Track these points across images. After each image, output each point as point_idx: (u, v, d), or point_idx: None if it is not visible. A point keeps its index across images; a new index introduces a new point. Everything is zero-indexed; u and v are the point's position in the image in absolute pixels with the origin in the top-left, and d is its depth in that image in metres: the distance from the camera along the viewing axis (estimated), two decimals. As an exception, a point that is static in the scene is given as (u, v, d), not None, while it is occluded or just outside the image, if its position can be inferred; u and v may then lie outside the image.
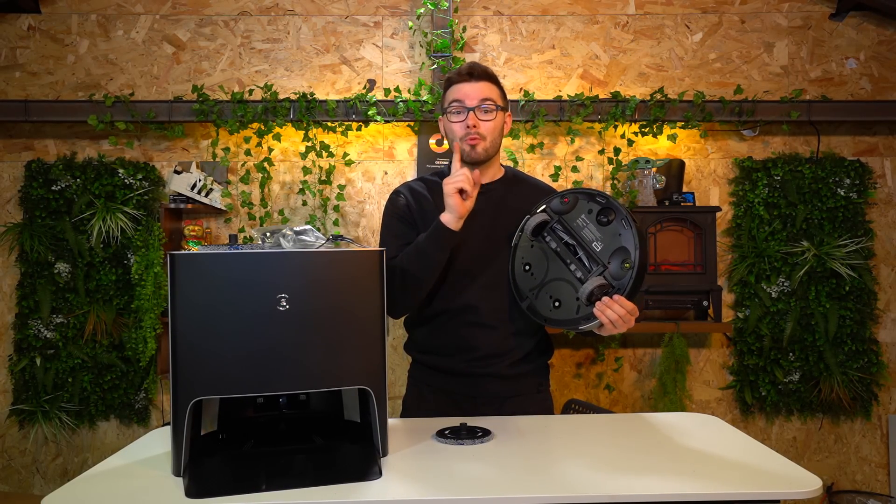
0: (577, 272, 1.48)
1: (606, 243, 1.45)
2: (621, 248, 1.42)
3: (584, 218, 1.50)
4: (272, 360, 1.15)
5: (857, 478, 2.96)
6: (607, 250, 1.44)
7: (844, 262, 2.84)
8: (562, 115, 2.83)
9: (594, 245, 1.47)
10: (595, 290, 1.41)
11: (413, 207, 1.69)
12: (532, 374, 1.70)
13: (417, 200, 1.70)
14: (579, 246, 1.49)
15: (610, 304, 1.40)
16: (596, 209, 1.49)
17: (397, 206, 1.70)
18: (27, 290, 2.82)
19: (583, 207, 1.51)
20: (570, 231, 1.52)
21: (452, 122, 1.63)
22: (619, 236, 1.43)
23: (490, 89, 1.63)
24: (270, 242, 1.25)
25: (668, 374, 2.81)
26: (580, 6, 2.97)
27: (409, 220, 1.68)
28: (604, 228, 1.46)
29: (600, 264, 1.44)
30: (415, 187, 1.74)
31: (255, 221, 2.89)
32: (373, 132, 2.94)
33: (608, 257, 1.44)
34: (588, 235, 1.49)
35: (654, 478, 1.13)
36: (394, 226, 1.69)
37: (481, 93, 1.61)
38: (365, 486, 1.10)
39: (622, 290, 1.40)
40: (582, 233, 1.50)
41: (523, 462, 1.22)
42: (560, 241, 1.53)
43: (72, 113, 2.79)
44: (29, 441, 2.86)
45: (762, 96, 2.95)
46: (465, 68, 1.64)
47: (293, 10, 2.94)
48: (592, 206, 1.50)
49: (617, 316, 1.39)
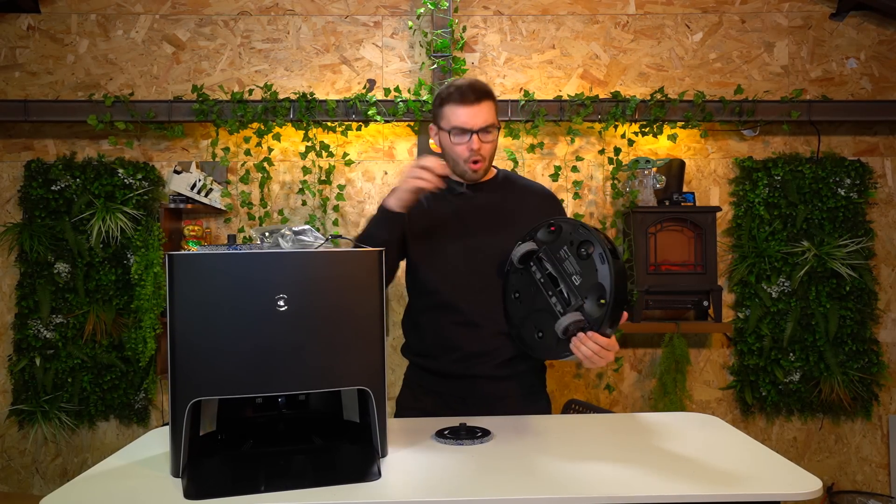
0: (556, 305, 1.48)
1: (585, 278, 1.44)
2: (598, 284, 1.42)
3: (565, 249, 1.50)
4: (271, 361, 1.15)
5: (858, 478, 2.95)
6: (585, 285, 1.44)
7: (845, 262, 2.83)
8: (562, 115, 2.83)
9: (574, 279, 1.47)
10: (570, 325, 1.41)
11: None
12: (523, 375, 1.68)
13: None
14: (561, 278, 1.49)
15: (584, 339, 1.39)
16: (577, 241, 1.48)
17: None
18: (27, 290, 2.82)
19: (566, 238, 1.51)
20: (554, 262, 1.52)
21: (455, 145, 1.62)
22: (595, 272, 1.43)
23: (490, 109, 1.62)
24: (269, 242, 1.25)
25: (669, 374, 2.80)
26: (580, 6, 2.97)
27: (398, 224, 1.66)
28: (583, 262, 1.46)
29: (578, 299, 1.44)
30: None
31: (254, 221, 2.89)
32: (373, 132, 2.93)
33: (586, 292, 1.44)
34: (569, 268, 1.49)
35: (654, 478, 1.13)
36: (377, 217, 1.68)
37: (484, 117, 1.61)
38: (364, 487, 1.10)
39: (596, 327, 1.40)
40: (563, 265, 1.50)
41: (523, 462, 1.22)
42: (544, 271, 1.53)
43: (71, 113, 2.79)
44: (28, 441, 2.86)
45: (762, 96, 2.94)
46: (468, 91, 1.60)
47: (293, 10, 2.94)
48: (574, 238, 1.49)
49: (591, 352, 1.39)
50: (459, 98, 1.60)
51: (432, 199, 1.70)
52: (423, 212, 1.68)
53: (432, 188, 1.51)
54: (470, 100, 1.59)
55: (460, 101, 1.60)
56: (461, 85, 1.62)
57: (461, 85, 1.62)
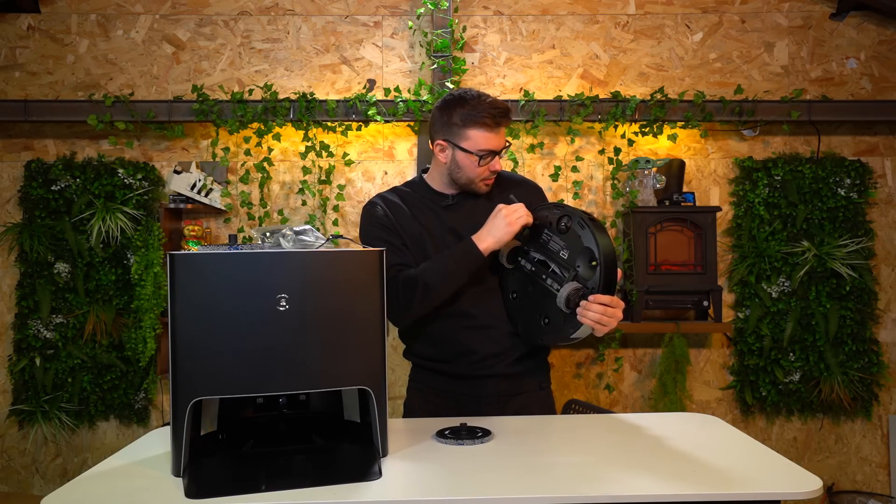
0: (553, 285, 1.49)
1: (571, 249, 1.46)
2: (585, 249, 1.44)
3: (546, 232, 1.52)
4: (272, 361, 1.15)
5: (858, 478, 2.95)
6: (574, 255, 1.46)
7: (845, 262, 2.83)
8: (562, 115, 2.83)
9: (561, 254, 1.48)
10: (570, 294, 1.42)
11: (392, 215, 1.67)
12: (533, 371, 1.71)
13: (394, 209, 1.68)
14: (549, 259, 1.51)
15: (588, 305, 1.40)
16: (554, 219, 1.50)
17: (376, 217, 1.67)
18: (27, 290, 2.82)
19: (544, 223, 1.53)
20: (539, 248, 1.53)
21: (479, 167, 1.61)
22: (579, 238, 1.44)
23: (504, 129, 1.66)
24: (270, 242, 1.25)
25: (669, 374, 2.81)
26: (580, 6, 2.97)
27: (392, 229, 1.66)
28: (564, 236, 1.48)
29: (571, 270, 1.45)
30: (388, 197, 1.72)
31: (254, 221, 2.89)
32: (373, 132, 2.93)
33: (576, 261, 1.45)
34: (554, 247, 1.50)
35: (654, 478, 1.13)
36: (379, 235, 1.65)
37: (504, 136, 1.63)
38: (365, 487, 1.10)
39: (595, 289, 1.41)
40: (549, 246, 1.51)
41: (523, 462, 1.22)
42: (533, 260, 1.55)
43: (71, 113, 2.79)
44: (29, 441, 2.86)
45: (762, 96, 2.94)
46: (500, 116, 1.58)
47: (293, 10, 2.94)
48: (551, 218, 1.51)
49: (598, 314, 1.39)
50: (495, 123, 1.58)
51: (419, 210, 1.68)
52: (411, 222, 1.67)
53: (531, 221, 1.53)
54: (502, 124, 1.60)
55: (493, 127, 1.58)
56: (493, 108, 1.58)
57: (493, 108, 1.58)
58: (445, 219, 1.67)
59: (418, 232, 1.66)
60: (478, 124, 1.57)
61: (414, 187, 1.73)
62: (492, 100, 1.59)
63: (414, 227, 1.66)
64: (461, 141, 1.60)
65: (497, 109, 1.57)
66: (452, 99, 1.62)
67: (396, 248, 1.63)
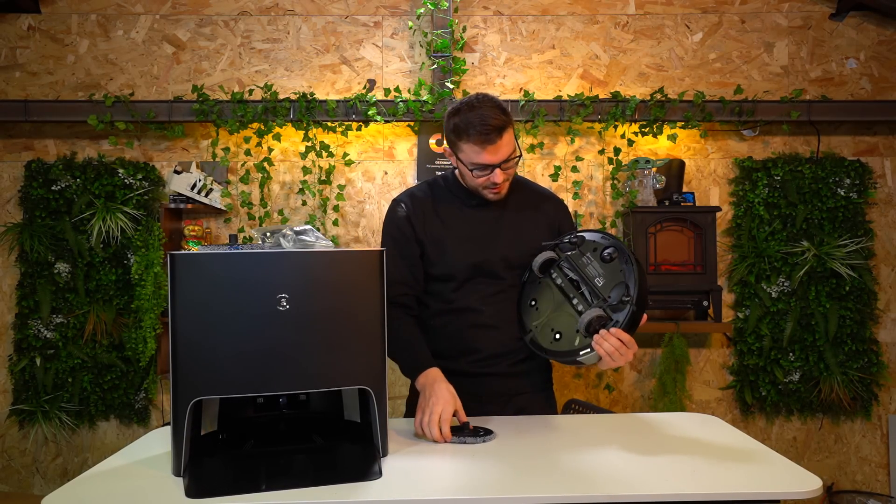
0: (578, 305, 1.51)
1: (608, 279, 1.48)
2: (621, 284, 1.46)
3: (589, 255, 1.54)
4: (272, 360, 1.15)
5: (858, 478, 2.95)
6: (608, 285, 1.48)
7: (844, 262, 2.83)
8: (562, 115, 2.83)
9: (596, 280, 1.50)
10: (593, 320, 1.44)
11: (413, 216, 1.67)
12: (535, 371, 1.72)
13: (418, 207, 1.68)
14: (583, 281, 1.53)
15: (606, 336, 1.41)
16: (601, 247, 1.52)
17: (396, 220, 1.68)
18: (27, 290, 2.82)
19: (588, 246, 1.55)
20: (576, 268, 1.55)
21: (476, 177, 1.58)
22: (620, 272, 1.47)
23: (510, 139, 1.54)
24: (270, 242, 1.25)
25: (668, 374, 2.81)
26: (580, 6, 2.97)
27: (407, 235, 1.66)
28: (606, 265, 1.50)
29: (601, 298, 1.48)
30: (416, 193, 1.73)
31: (254, 221, 2.89)
32: (373, 132, 2.94)
33: (609, 292, 1.47)
34: (591, 272, 1.52)
35: (654, 478, 1.13)
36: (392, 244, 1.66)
37: (504, 150, 1.54)
38: (365, 486, 1.10)
39: (619, 324, 1.43)
40: (586, 269, 1.53)
41: (524, 462, 1.22)
42: (565, 277, 1.56)
43: (72, 113, 2.79)
44: (29, 441, 2.86)
45: (762, 96, 2.94)
46: (488, 130, 1.49)
47: (293, 10, 2.94)
48: (598, 245, 1.53)
49: (613, 348, 1.41)
50: (481, 140, 1.51)
51: (444, 207, 1.69)
52: (434, 219, 1.68)
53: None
54: (492, 140, 1.51)
55: (483, 143, 1.51)
56: (482, 124, 1.50)
57: (482, 124, 1.50)
58: (469, 218, 1.68)
59: (444, 234, 1.66)
60: (468, 139, 1.53)
61: (448, 182, 1.74)
62: (483, 114, 1.51)
63: (435, 226, 1.66)
64: (458, 152, 1.59)
65: (486, 126, 1.49)
66: (454, 107, 1.58)
67: (405, 260, 1.65)
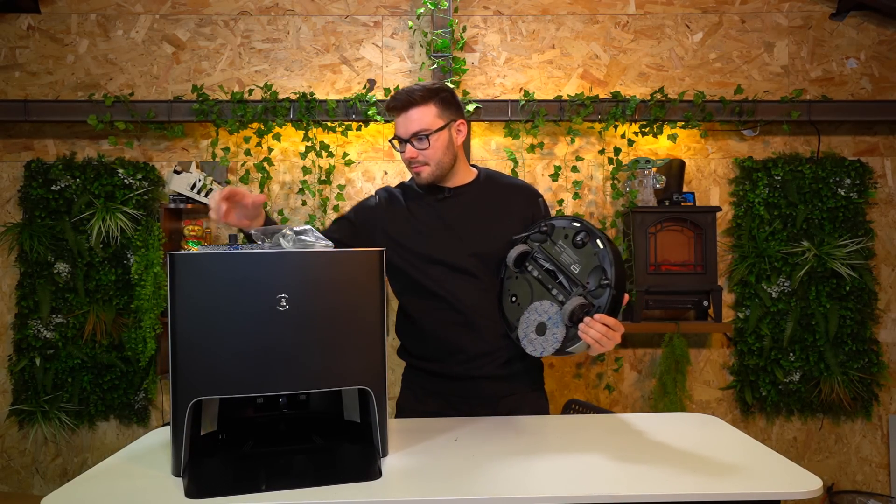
0: (558, 296, 1.50)
1: (584, 264, 1.47)
2: (598, 268, 1.45)
3: (560, 243, 1.53)
4: (272, 361, 1.15)
5: (858, 478, 2.95)
6: (585, 271, 1.47)
7: (845, 262, 2.83)
8: (562, 115, 2.83)
9: (572, 267, 1.49)
10: (576, 308, 1.43)
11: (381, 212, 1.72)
12: (525, 372, 1.69)
13: (388, 202, 1.73)
14: (559, 270, 1.51)
15: (591, 323, 1.41)
16: (571, 233, 1.51)
17: (365, 203, 1.77)
18: (27, 290, 2.82)
19: (559, 233, 1.54)
20: (550, 258, 1.54)
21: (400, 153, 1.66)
22: (594, 256, 1.46)
23: (420, 116, 1.59)
24: (270, 242, 1.25)
25: (668, 374, 2.81)
26: (580, 6, 2.97)
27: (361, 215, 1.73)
28: (580, 250, 1.49)
29: (579, 285, 1.46)
30: (391, 190, 1.77)
31: (254, 221, 2.89)
32: (373, 132, 2.93)
33: (586, 277, 1.46)
34: (566, 259, 1.51)
35: (654, 478, 1.13)
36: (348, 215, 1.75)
37: (411, 125, 1.60)
38: (365, 487, 1.10)
39: (602, 308, 1.42)
40: (560, 258, 1.52)
41: (523, 462, 1.22)
42: (541, 268, 1.55)
43: (71, 113, 2.79)
44: (28, 441, 2.86)
45: (762, 96, 2.94)
46: (395, 99, 1.61)
47: (293, 10, 2.94)
48: (568, 231, 1.52)
49: (600, 334, 1.40)
50: (389, 110, 1.63)
51: (415, 203, 1.70)
52: (406, 217, 1.68)
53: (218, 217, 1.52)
54: (396, 109, 1.61)
55: (392, 112, 1.63)
56: (392, 98, 1.62)
57: (392, 98, 1.62)
58: (439, 211, 1.69)
59: (414, 228, 1.67)
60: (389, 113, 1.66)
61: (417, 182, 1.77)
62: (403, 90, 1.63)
63: (409, 225, 1.68)
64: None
65: (394, 99, 1.61)
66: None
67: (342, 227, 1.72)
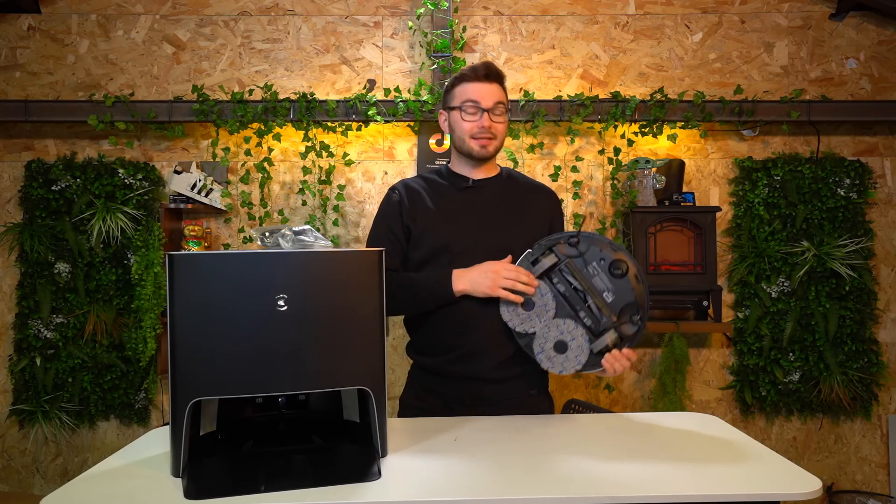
0: (584, 318, 1.52)
1: (618, 296, 1.50)
2: (633, 304, 1.49)
3: (595, 266, 1.53)
4: (271, 361, 1.15)
5: (857, 478, 2.95)
6: (618, 303, 1.50)
7: (844, 262, 2.83)
8: (562, 115, 2.83)
9: (605, 295, 1.51)
10: (609, 344, 1.50)
11: (406, 205, 1.71)
12: (522, 377, 1.66)
13: (412, 198, 1.71)
14: (589, 293, 1.52)
15: (618, 357, 1.49)
16: (609, 259, 1.52)
17: (391, 205, 1.73)
18: (27, 290, 2.82)
19: (594, 255, 1.54)
20: (580, 277, 1.54)
21: (465, 121, 1.66)
22: (631, 291, 1.49)
23: (502, 92, 1.69)
24: (270, 242, 1.25)
25: (668, 374, 2.81)
26: (580, 6, 2.97)
27: (396, 220, 1.71)
28: (615, 280, 1.51)
29: (611, 316, 1.50)
30: (411, 184, 1.76)
31: (254, 221, 2.89)
32: (373, 132, 2.94)
33: (618, 310, 1.50)
34: (599, 284, 1.52)
35: (654, 478, 1.13)
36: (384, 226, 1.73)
37: (496, 95, 1.67)
38: (364, 487, 1.10)
39: (630, 344, 1.49)
40: (593, 280, 1.53)
41: (523, 462, 1.22)
42: (569, 285, 1.54)
43: (72, 113, 2.79)
44: (29, 441, 2.86)
45: (762, 96, 2.94)
46: (481, 69, 1.66)
47: (293, 10, 2.94)
48: (605, 255, 1.53)
49: (622, 366, 1.50)
50: (474, 75, 1.66)
51: (436, 194, 1.71)
52: (426, 208, 1.69)
53: (520, 301, 1.54)
54: (484, 79, 1.65)
55: (473, 78, 1.66)
56: (473, 69, 1.67)
57: (473, 69, 1.67)
58: (464, 201, 1.70)
59: (433, 220, 1.68)
60: (461, 80, 1.68)
61: (439, 172, 1.79)
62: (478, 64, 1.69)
63: (429, 213, 1.69)
64: (450, 101, 1.71)
65: (477, 68, 1.66)
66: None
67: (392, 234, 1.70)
